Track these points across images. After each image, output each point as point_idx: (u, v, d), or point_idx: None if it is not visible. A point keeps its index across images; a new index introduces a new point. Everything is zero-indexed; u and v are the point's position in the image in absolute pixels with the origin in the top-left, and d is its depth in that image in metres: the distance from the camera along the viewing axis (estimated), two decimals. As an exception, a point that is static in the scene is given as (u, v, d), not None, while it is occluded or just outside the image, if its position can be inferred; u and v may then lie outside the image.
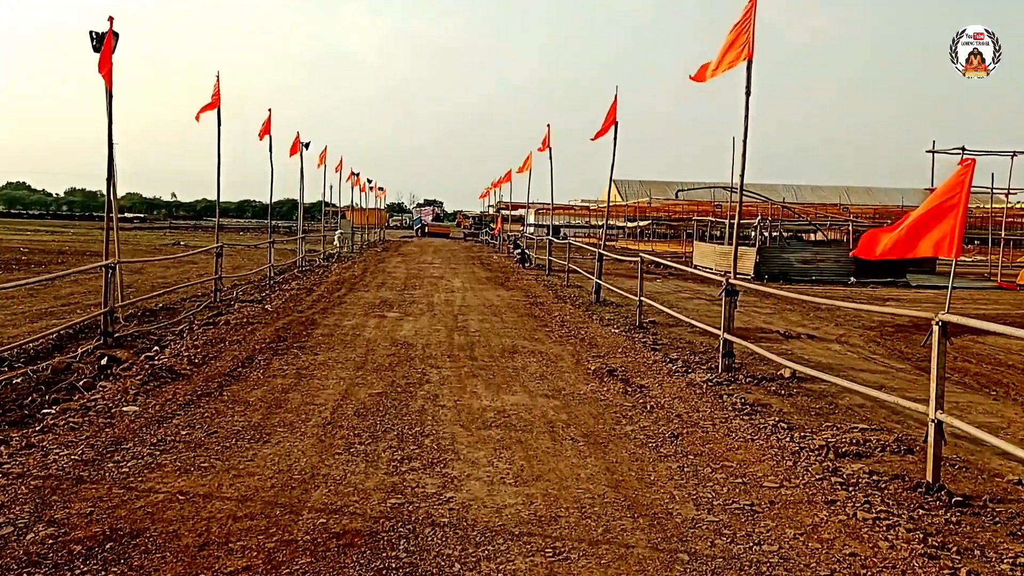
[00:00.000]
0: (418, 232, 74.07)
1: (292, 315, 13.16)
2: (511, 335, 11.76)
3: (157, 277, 22.00)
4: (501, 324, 12.93)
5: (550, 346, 10.87)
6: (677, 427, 6.62)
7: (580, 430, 6.46)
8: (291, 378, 8.17)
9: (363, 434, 6.13)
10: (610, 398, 7.73)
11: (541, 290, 19.45)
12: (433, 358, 9.67)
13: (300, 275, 22.96)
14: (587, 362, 9.74)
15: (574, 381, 8.57)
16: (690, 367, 9.49)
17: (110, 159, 11.03)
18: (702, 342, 11.75)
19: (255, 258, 28.57)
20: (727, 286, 9.35)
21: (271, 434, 6.06)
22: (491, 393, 7.80)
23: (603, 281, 17.14)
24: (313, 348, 10.03)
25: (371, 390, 7.74)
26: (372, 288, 18.87)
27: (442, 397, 7.55)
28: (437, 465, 5.44)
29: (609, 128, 16.76)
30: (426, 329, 12.07)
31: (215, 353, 9.42)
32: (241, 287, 18.80)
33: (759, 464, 5.64)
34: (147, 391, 7.37)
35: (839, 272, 26.27)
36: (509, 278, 23.07)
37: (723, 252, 28.70)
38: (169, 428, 6.14)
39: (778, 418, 7.04)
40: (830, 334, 13.37)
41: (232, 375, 8.21)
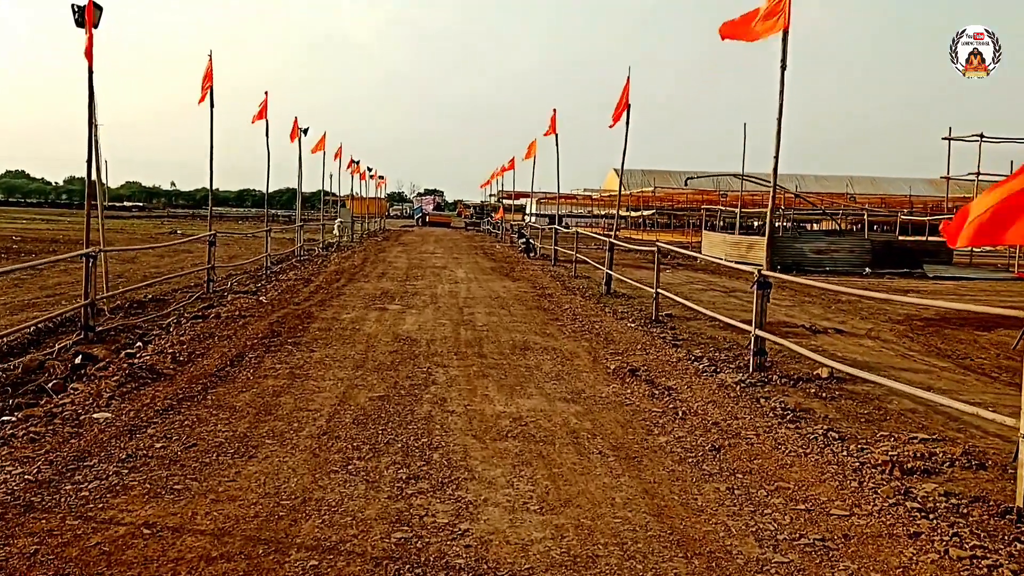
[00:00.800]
0: (419, 222, 73.25)
1: (288, 307, 12.41)
2: (521, 330, 11.01)
3: (150, 266, 21.23)
4: (510, 318, 12.18)
5: (564, 342, 10.12)
6: (717, 438, 5.87)
7: (608, 441, 5.71)
8: (284, 379, 7.42)
9: (363, 447, 5.39)
10: (636, 402, 6.99)
11: (549, 281, 18.69)
12: (439, 355, 8.93)
13: (298, 265, 22.21)
14: (605, 360, 8.99)
15: (593, 382, 7.82)
16: (717, 366, 8.74)
17: (90, 142, 10.25)
18: (725, 337, 11.00)
19: (253, 247, 27.81)
20: (759, 278, 8.59)
21: (258, 447, 5.31)
22: (504, 396, 7.05)
23: (612, 272, 16.38)
24: (309, 344, 9.28)
25: (372, 393, 6.99)
26: (372, 279, 18.11)
27: (450, 401, 6.81)
28: (448, 486, 4.70)
29: (622, 113, 15.96)
30: (430, 323, 11.32)
31: (202, 350, 8.67)
32: (236, 277, 18.04)
33: (820, 485, 4.89)
34: (123, 394, 6.62)
35: (853, 263, 25.50)
36: (514, 268, 22.31)
37: (733, 242, 27.93)
38: (142, 440, 5.40)
39: (826, 426, 6.30)
40: (858, 328, 12.62)
41: (219, 375, 7.46)
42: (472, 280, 18.44)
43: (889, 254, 25.97)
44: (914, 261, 26.02)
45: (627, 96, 16.03)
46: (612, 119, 16.12)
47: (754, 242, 26.83)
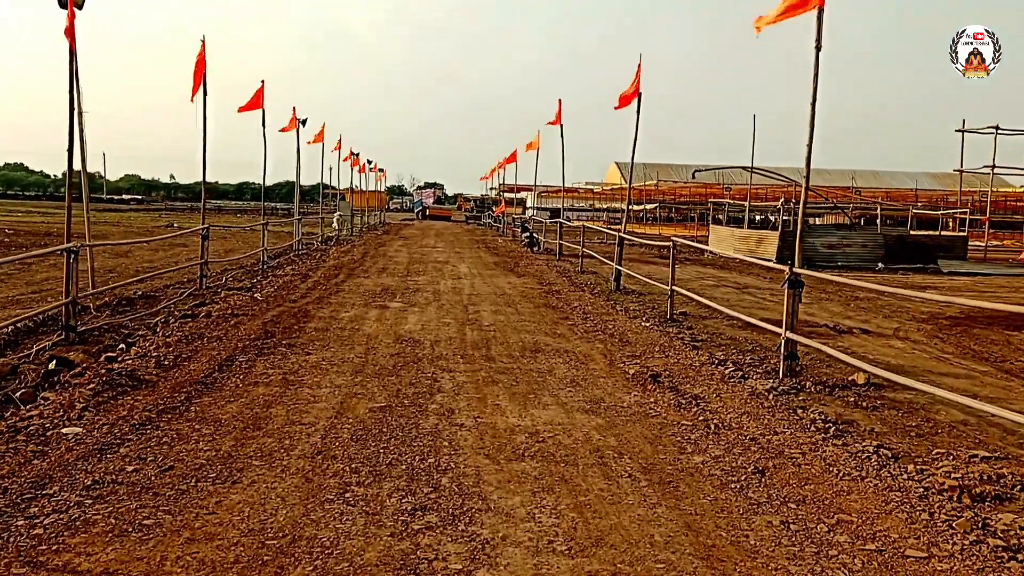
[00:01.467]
0: (419, 215, 72.54)
1: (284, 305, 11.77)
2: (530, 330, 10.39)
3: (144, 261, 20.62)
4: (517, 316, 11.55)
5: (576, 343, 9.50)
6: (758, 457, 5.25)
7: (637, 462, 5.09)
8: (276, 386, 6.79)
9: (362, 469, 4.77)
10: (662, 413, 6.37)
11: (555, 277, 18.06)
12: (444, 359, 8.30)
13: (296, 259, 21.58)
14: (623, 364, 8.37)
15: (612, 389, 7.20)
16: (744, 370, 8.11)
17: (71, 129, 9.60)
18: (746, 338, 10.38)
19: (250, 241, 27.16)
20: (790, 276, 7.96)
21: (243, 470, 4.69)
22: (517, 407, 6.43)
23: (622, 267, 15.75)
24: (305, 346, 8.66)
25: (372, 403, 6.37)
26: (372, 274, 17.48)
27: (459, 412, 6.19)
28: (460, 519, 4.08)
29: (632, 99, 15.30)
30: (434, 322, 10.69)
31: (189, 353, 8.04)
32: (232, 272, 17.41)
33: (886, 517, 4.28)
34: (98, 405, 6.00)
35: (866, 257, 24.86)
36: (518, 263, 21.68)
37: (742, 236, 27.29)
38: (113, 461, 4.78)
39: (875, 442, 5.68)
40: (884, 328, 11.99)
41: (205, 383, 6.83)
42: (476, 276, 17.81)
43: (902, 249, 25.32)
44: (928, 256, 25.37)
45: (639, 83, 15.38)
46: (620, 101, 15.45)
47: (764, 236, 26.18)
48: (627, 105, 15.33)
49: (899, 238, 26.18)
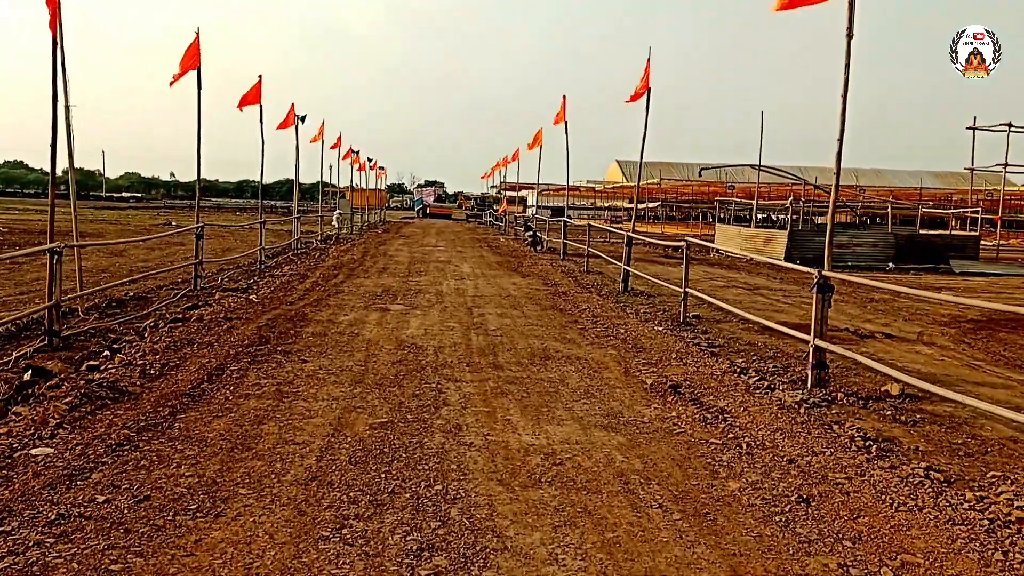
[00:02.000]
0: (419, 213, 72.03)
1: (280, 308, 11.27)
2: (538, 334, 9.88)
3: (139, 260, 20.11)
4: (524, 320, 11.05)
5: (588, 349, 9.00)
6: (800, 482, 4.75)
7: (667, 489, 4.59)
8: (268, 399, 6.29)
9: (361, 499, 4.27)
10: (687, 429, 5.86)
11: (560, 277, 17.55)
12: (449, 367, 7.80)
13: (295, 258, 21.09)
14: (639, 372, 7.87)
15: (631, 401, 6.70)
16: (769, 380, 7.61)
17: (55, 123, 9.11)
18: (765, 343, 9.89)
19: (249, 240, 26.65)
20: (820, 279, 7.46)
21: (228, 501, 4.19)
22: (530, 422, 5.93)
23: (630, 268, 15.25)
24: (301, 353, 8.16)
25: (372, 418, 5.87)
26: (373, 274, 16.98)
27: (467, 429, 5.68)
28: (473, 562, 3.58)
29: (642, 95, 14.80)
30: (437, 327, 10.19)
31: (178, 361, 7.54)
32: (228, 272, 16.91)
33: (956, 559, 3.78)
34: (74, 421, 5.51)
35: (877, 257, 24.36)
36: (522, 263, 21.17)
37: (749, 235, 26.79)
38: (83, 490, 4.28)
39: (924, 463, 5.18)
40: (906, 332, 11.49)
41: (192, 395, 6.33)
42: (479, 276, 17.30)
43: (913, 248, 24.82)
44: (939, 256, 24.87)
45: (648, 78, 14.88)
46: (631, 97, 14.96)
47: (772, 236, 25.67)
48: (638, 99, 14.83)
49: (910, 237, 25.68)
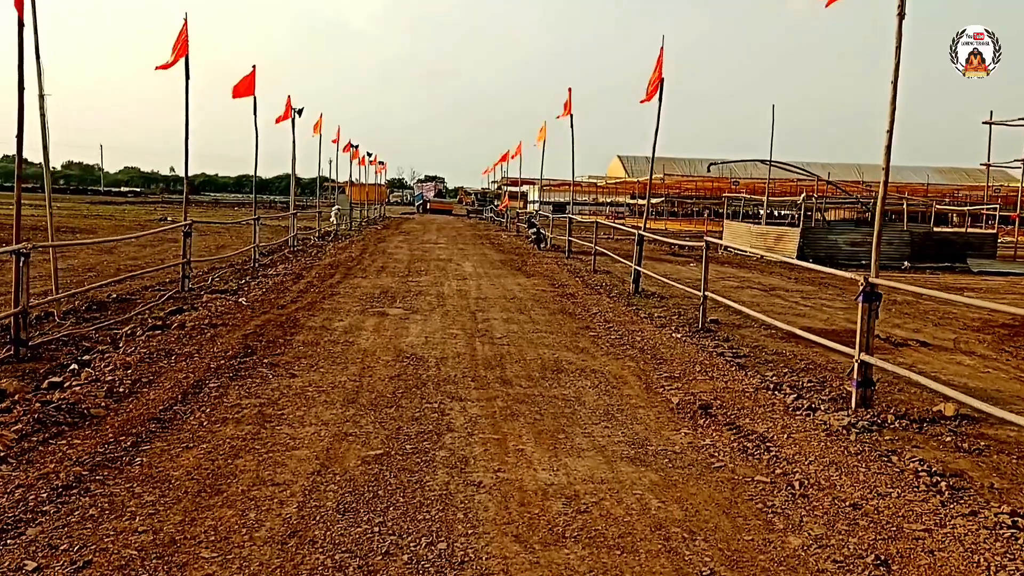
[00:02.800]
0: (419, 209, 71.24)
1: (270, 312, 10.52)
2: (549, 343, 9.14)
3: (129, 257, 19.34)
4: (532, 325, 10.29)
5: (603, 361, 8.25)
6: (872, 537, 4.00)
7: (716, 547, 3.85)
8: (249, 424, 5.55)
9: (349, 565, 3.52)
10: (727, 463, 5.12)
11: (567, 277, 16.79)
12: (453, 382, 7.05)
13: (291, 256, 20.34)
14: (662, 388, 7.13)
15: (657, 425, 5.96)
16: (806, 398, 6.87)
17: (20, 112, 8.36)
18: (793, 352, 9.14)
19: (245, 236, 25.84)
20: (865, 286, 6.71)
21: (187, 568, 3.44)
22: (546, 453, 5.18)
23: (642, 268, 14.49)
24: (290, 366, 7.41)
25: (366, 449, 5.12)
26: (371, 274, 16.22)
27: (474, 463, 4.94)
28: (488, 659, 2.83)
29: (656, 88, 14.03)
30: (439, 334, 9.44)
31: (151, 376, 6.79)
32: (219, 272, 16.16)
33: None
34: (21, 454, 4.76)
35: (892, 256, 23.58)
36: (526, 262, 20.41)
37: (759, 233, 26.02)
38: (13, 551, 3.53)
39: (1007, 507, 4.43)
40: (941, 339, 10.74)
41: (162, 419, 5.59)
42: (482, 276, 16.54)
43: (929, 247, 24.07)
44: (955, 254, 24.12)
45: (660, 70, 14.11)
46: (646, 94, 14.18)
47: (783, 233, 24.91)
48: (654, 96, 14.06)
49: (926, 235, 24.93)
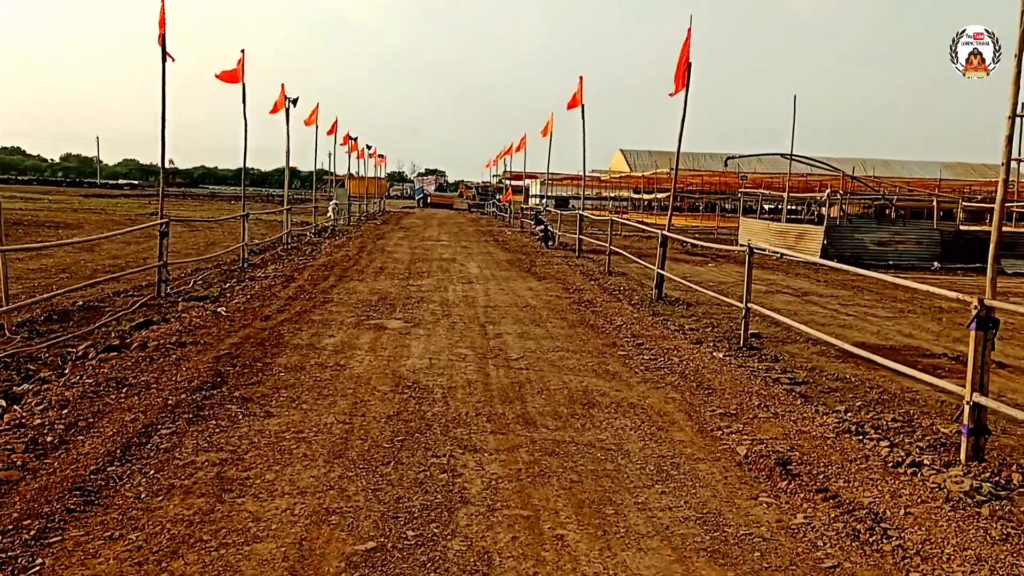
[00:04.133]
0: (420, 203, 69.81)
1: (252, 326, 9.21)
2: (573, 365, 7.83)
3: (110, 256, 18.06)
4: (550, 342, 8.99)
5: (641, 390, 6.95)
6: None
7: None
8: (201, 496, 4.24)
9: None
10: (840, 559, 3.81)
11: (581, 280, 15.48)
12: (464, 423, 5.75)
13: (283, 255, 19.04)
14: (719, 430, 5.83)
15: (728, 491, 4.65)
16: (898, 444, 5.57)
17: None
18: (855, 376, 7.86)
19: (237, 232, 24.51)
20: (980, 311, 5.40)
21: None
22: (594, 541, 3.88)
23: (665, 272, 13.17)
24: (266, 400, 6.11)
25: (353, 540, 3.81)
26: (368, 276, 14.91)
27: (500, 562, 3.63)
28: None
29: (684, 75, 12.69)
30: (445, 354, 8.13)
31: (92, 418, 5.48)
32: (205, 273, 14.86)
33: None
34: None
35: (921, 256, 22.30)
36: (535, 262, 19.08)
37: (779, 230, 24.68)
38: None
39: None
40: (1015, 358, 9.43)
41: (89, 489, 4.27)
42: (489, 279, 15.23)
43: (959, 246, 22.74)
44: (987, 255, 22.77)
45: (688, 54, 12.78)
46: (675, 85, 12.84)
47: (805, 231, 23.57)
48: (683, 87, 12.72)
49: (956, 234, 23.59)
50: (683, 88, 12.82)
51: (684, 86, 12.81)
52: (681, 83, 12.80)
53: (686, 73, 12.74)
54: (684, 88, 12.77)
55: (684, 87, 12.78)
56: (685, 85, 12.76)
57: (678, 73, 12.84)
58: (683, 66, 12.77)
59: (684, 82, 12.78)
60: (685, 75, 12.75)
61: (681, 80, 12.78)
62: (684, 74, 12.75)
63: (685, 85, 12.76)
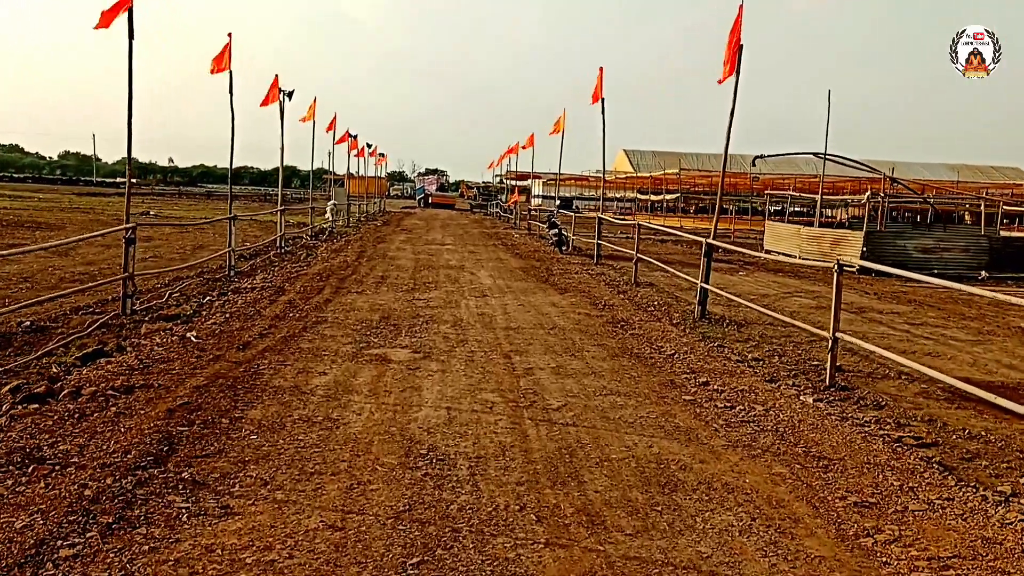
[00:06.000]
0: (421, 203, 68.03)
1: (224, 358, 7.46)
2: (629, 415, 6.10)
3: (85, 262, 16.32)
4: (594, 380, 7.24)
5: (731, 459, 5.21)
6: None
7: None
8: None
9: None
10: None
11: (608, 293, 13.74)
12: (504, 525, 4.02)
13: (276, 260, 17.31)
14: (867, 539, 4.10)
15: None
16: None
17: None
18: (993, 432, 6.12)
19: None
20: None
21: None
22: None
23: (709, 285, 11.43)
24: (224, 486, 4.37)
25: None
26: (368, 287, 13.17)
27: None
28: None
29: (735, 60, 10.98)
30: (467, 401, 6.38)
31: (-35, 524, 3.75)
32: (185, 283, 13.12)
33: None
34: None
35: (968, 264, 20.58)
36: (551, 270, 17.34)
37: (811, 236, 22.94)
38: None
39: None
40: None
41: None
42: (505, 291, 13.49)
43: (1009, 254, 21.02)
44: (1039, 263, 21.07)
45: (739, 34, 11.07)
46: (724, 70, 11.14)
47: (842, 237, 21.83)
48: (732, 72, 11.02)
49: (1005, 241, 21.87)
50: (732, 74, 11.12)
51: (734, 71, 11.10)
52: (732, 68, 11.09)
53: (736, 55, 11.03)
54: (734, 74, 11.08)
55: (734, 72, 11.08)
56: (735, 70, 11.06)
57: (728, 56, 11.13)
58: (734, 48, 11.06)
59: (735, 67, 11.08)
60: (736, 58, 11.04)
61: (732, 64, 11.07)
62: (735, 57, 11.04)
63: (735, 70, 11.06)
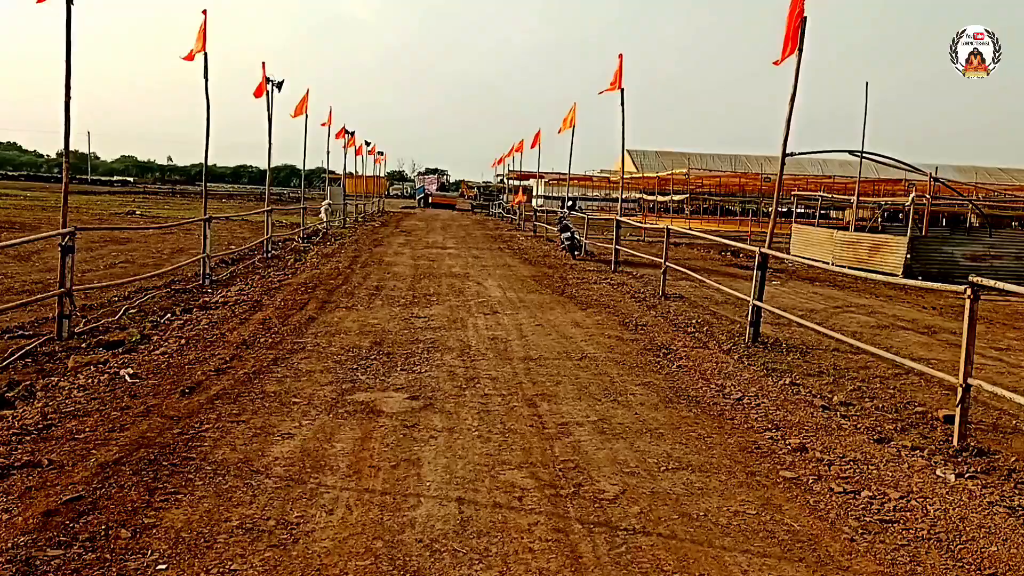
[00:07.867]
0: (420, 203, 66.12)
1: (160, 410, 5.62)
2: (714, 508, 4.27)
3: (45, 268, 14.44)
4: (653, 442, 5.41)
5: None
6: None
7: None
8: None
9: None
10: None
11: (634, 307, 11.90)
12: None
13: (260, 267, 15.51)
14: None
15: None
16: None
17: None
18: None
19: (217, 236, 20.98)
20: None
21: None
22: None
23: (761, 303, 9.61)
24: None
25: None
26: (360, 301, 11.34)
27: None
28: None
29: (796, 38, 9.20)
30: (484, 487, 4.53)
31: None
32: (147, 295, 11.29)
33: None
34: None
35: (1020, 273, 18.74)
36: (566, 279, 15.49)
37: (847, 241, 21.10)
38: None
39: None
40: None
41: None
42: (517, 305, 11.65)
43: (1064, 261, 19.20)
44: (1096, 270, 19.25)
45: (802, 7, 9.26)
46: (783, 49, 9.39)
47: (882, 242, 19.98)
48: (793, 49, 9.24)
49: (1059, 247, 20.04)
50: (793, 52, 9.32)
51: (795, 50, 9.30)
52: (793, 46, 9.28)
53: (799, 31, 9.22)
54: (795, 52, 9.27)
55: (795, 51, 9.28)
56: (797, 48, 9.26)
57: (789, 32, 9.32)
58: (796, 22, 9.26)
59: (796, 45, 9.27)
60: (797, 34, 9.24)
61: (794, 42, 9.26)
62: (797, 32, 9.23)
63: (797, 48, 9.26)
